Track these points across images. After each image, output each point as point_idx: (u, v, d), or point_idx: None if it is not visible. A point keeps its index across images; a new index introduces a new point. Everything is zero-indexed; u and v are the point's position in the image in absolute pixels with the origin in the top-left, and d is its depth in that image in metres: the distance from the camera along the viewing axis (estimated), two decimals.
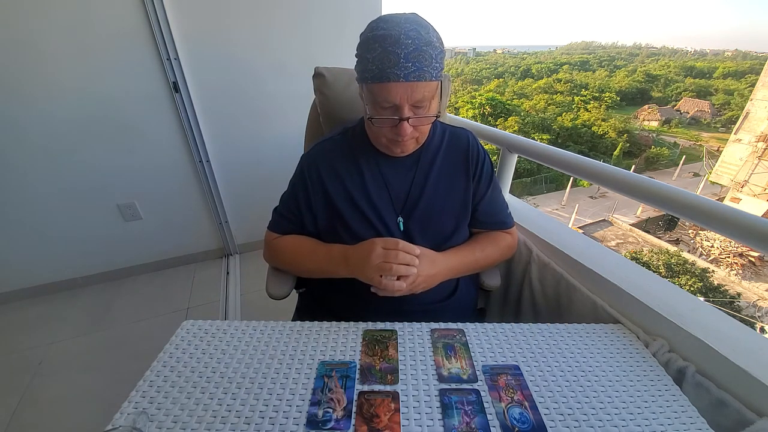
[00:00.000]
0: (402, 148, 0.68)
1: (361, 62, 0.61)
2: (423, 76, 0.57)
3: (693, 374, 0.59)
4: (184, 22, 1.42)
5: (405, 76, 0.56)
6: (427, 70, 0.57)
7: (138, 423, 0.45)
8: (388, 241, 0.63)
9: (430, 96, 0.60)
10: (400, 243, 0.62)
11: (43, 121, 1.40)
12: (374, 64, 0.57)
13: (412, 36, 0.56)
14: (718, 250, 12.26)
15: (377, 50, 0.56)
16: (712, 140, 28.38)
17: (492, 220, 0.80)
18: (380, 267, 0.60)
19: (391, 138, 0.65)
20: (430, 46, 0.57)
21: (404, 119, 0.60)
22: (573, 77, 37.23)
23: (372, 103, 0.62)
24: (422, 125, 0.65)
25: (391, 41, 0.55)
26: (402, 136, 0.62)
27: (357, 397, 0.51)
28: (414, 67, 0.56)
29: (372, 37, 0.58)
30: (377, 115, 0.62)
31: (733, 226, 0.59)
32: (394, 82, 0.57)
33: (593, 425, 0.48)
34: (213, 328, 0.64)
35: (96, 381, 1.31)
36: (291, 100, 1.72)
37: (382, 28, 0.57)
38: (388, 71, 0.56)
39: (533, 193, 18.40)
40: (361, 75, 0.62)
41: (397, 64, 0.55)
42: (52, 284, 1.73)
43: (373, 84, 0.59)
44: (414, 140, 0.67)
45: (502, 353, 0.60)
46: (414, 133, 0.64)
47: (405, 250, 0.61)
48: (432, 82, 0.59)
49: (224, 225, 1.92)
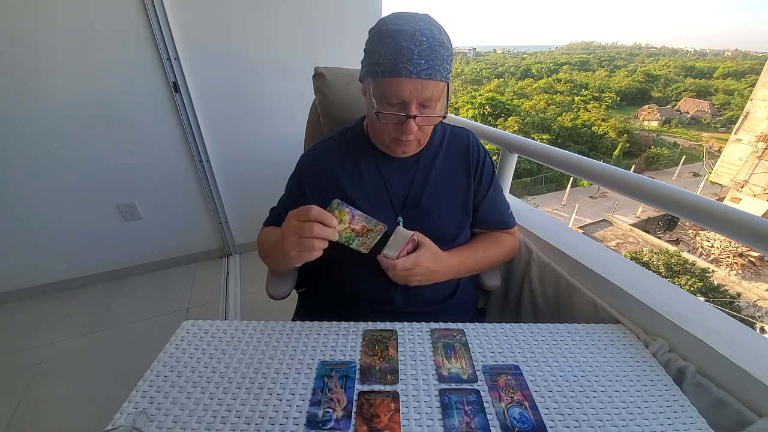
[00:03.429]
0: (404, 148, 0.68)
1: (370, 56, 0.60)
2: (434, 75, 0.57)
3: (693, 374, 0.59)
4: (184, 22, 1.42)
5: (417, 72, 0.56)
6: (438, 70, 0.57)
7: (138, 423, 0.45)
8: (301, 212, 0.55)
9: (437, 97, 0.60)
10: (312, 211, 0.54)
11: (43, 121, 1.40)
12: (386, 58, 0.56)
13: (427, 34, 0.56)
14: (718, 250, 12.26)
15: (390, 44, 0.56)
16: (712, 140, 28.39)
17: (494, 220, 0.80)
18: (297, 243, 0.54)
19: (394, 137, 0.65)
20: (443, 46, 0.57)
21: (411, 117, 0.60)
22: (573, 77, 37.24)
23: (379, 99, 0.61)
24: (427, 125, 0.64)
25: (405, 36, 0.55)
26: (407, 134, 0.62)
27: (357, 397, 0.50)
28: (427, 65, 0.56)
29: (385, 32, 0.57)
30: (384, 110, 0.61)
31: (733, 226, 0.59)
32: (406, 78, 0.56)
33: (593, 425, 0.48)
34: (213, 328, 0.64)
35: (96, 381, 1.31)
36: (291, 100, 1.72)
37: (396, 24, 0.57)
38: (401, 66, 0.56)
39: (533, 193, 18.40)
40: (369, 69, 0.60)
41: (411, 60, 0.55)
42: (52, 284, 1.73)
43: (383, 78, 0.58)
44: (416, 141, 0.67)
45: (502, 353, 0.60)
46: (418, 133, 0.64)
47: (319, 219, 0.54)
48: (441, 83, 0.59)
49: (224, 225, 1.92)
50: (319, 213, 0.54)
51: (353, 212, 0.59)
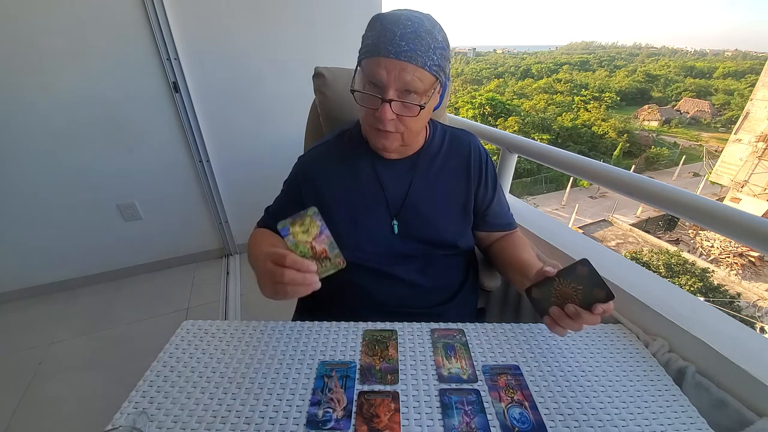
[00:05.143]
0: (383, 141, 0.64)
1: (362, 42, 0.61)
2: (415, 59, 0.56)
3: (693, 374, 0.59)
4: (184, 22, 1.42)
5: (396, 53, 0.55)
6: (420, 55, 0.56)
7: (138, 423, 0.45)
8: (277, 256, 0.50)
9: (422, 88, 0.58)
10: (287, 259, 0.49)
11: (42, 120, 1.40)
12: (371, 39, 0.58)
13: (414, 21, 0.56)
14: (718, 250, 12.27)
15: (377, 28, 0.57)
16: (712, 140, 28.41)
17: (500, 222, 0.79)
18: (272, 287, 0.51)
19: (371, 124, 0.63)
20: (431, 35, 0.57)
21: (386, 101, 0.58)
22: (573, 77, 37.27)
23: (361, 83, 0.61)
24: (409, 117, 0.61)
25: (392, 20, 0.56)
26: (383, 120, 0.59)
27: (357, 397, 0.50)
28: (407, 47, 0.55)
29: (376, 17, 0.59)
30: (362, 91, 0.60)
31: (733, 226, 0.59)
32: (384, 58, 0.56)
33: (593, 425, 0.48)
34: (213, 328, 0.64)
35: (96, 381, 1.31)
36: (291, 100, 1.72)
37: (387, 14, 0.58)
38: (381, 46, 0.56)
39: (533, 193, 18.41)
40: (359, 55, 0.61)
41: (392, 41, 0.55)
42: (52, 284, 1.73)
43: (366, 59, 0.59)
44: (399, 136, 0.64)
45: (502, 353, 0.60)
46: (399, 125, 0.61)
47: (293, 267, 0.49)
48: (425, 72, 0.57)
49: (224, 225, 1.92)
50: (293, 261, 0.49)
51: (323, 230, 0.53)
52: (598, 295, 0.48)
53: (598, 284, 0.48)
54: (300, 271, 0.50)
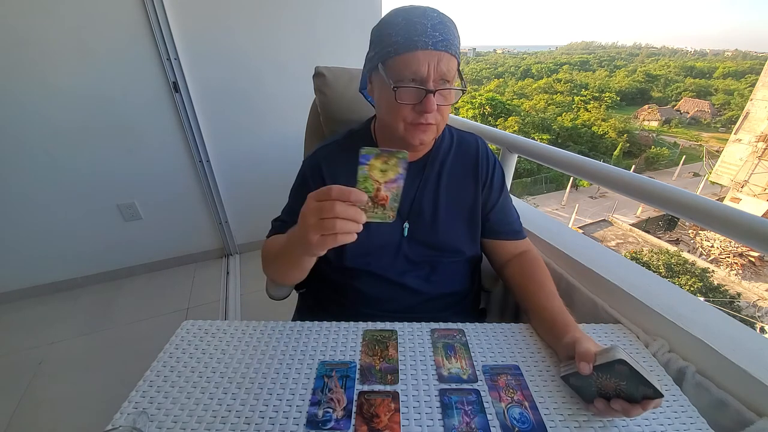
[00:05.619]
0: (422, 135, 0.62)
1: (379, 43, 0.59)
2: (449, 48, 0.56)
3: (693, 374, 0.59)
4: (184, 22, 1.43)
5: (434, 44, 0.55)
6: (453, 42, 0.57)
7: (138, 423, 0.45)
8: (320, 192, 0.47)
9: (452, 76, 0.59)
10: (333, 191, 0.46)
11: (42, 120, 1.41)
12: (399, 35, 0.56)
13: (436, 11, 0.57)
14: (718, 250, 12.27)
15: (401, 23, 0.56)
16: (712, 140, 28.42)
17: (505, 228, 0.76)
18: (318, 225, 0.46)
19: (411, 121, 0.61)
20: (452, 24, 0.58)
21: (431, 91, 0.57)
22: (573, 77, 37.28)
23: (395, 81, 0.58)
24: (444, 106, 0.61)
25: (416, 13, 0.56)
26: (427, 112, 0.58)
27: (357, 397, 0.50)
28: (441, 37, 0.56)
29: (394, 14, 0.58)
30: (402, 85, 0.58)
31: (733, 226, 0.59)
32: (422, 50, 0.55)
33: (593, 425, 0.48)
34: (213, 328, 0.64)
35: (96, 381, 1.31)
36: (291, 100, 1.72)
37: (403, 9, 0.58)
38: (416, 39, 0.55)
39: (533, 193, 18.42)
40: (379, 54, 0.59)
41: (425, 33, 0.55)
42: (52, 284, 1.73)
43: (398, 57, 0.56)
44: (435, 128, 0.63)
45: (502, 353, 0.59)
46: (437, 115, 0.61)
47: (341, 198, 0.45)
48: (454, 59, 0.58)
49: (224, 225, 1.92)
50: (340, 192, 0.45)
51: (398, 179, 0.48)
52: (646, 393, 0.46)
53: (643, 382, 0.45)
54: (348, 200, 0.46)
